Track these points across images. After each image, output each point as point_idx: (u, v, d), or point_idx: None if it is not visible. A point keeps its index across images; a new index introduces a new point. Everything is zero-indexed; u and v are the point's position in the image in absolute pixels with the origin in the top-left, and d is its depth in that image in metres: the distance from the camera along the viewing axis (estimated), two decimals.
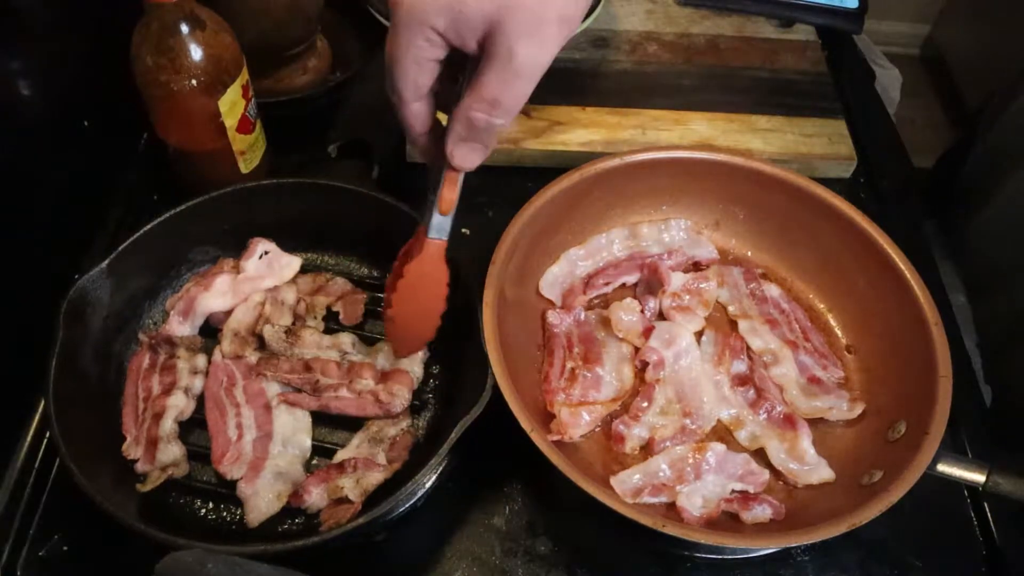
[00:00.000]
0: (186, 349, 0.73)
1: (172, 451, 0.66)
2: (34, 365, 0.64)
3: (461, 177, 0.59)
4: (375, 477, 0.64)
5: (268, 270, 0.76)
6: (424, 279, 0.62)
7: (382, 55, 0.55)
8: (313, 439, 0.69)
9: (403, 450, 0.67)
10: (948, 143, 1.18)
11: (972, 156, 1.01)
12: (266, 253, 0.76)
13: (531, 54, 0.51)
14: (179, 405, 0.69)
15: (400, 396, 0.68)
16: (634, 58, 1.01)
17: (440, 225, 0.61)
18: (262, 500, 0.65)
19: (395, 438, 0.68)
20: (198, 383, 0.71)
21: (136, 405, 0.70)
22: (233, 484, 0.66)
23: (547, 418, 0.70)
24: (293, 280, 0.76)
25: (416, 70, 0.53)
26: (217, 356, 0.72)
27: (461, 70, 0.55)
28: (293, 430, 0.69)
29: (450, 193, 0.59)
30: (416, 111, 0.56)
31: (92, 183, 0.85)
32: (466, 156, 0.56)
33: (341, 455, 0.67)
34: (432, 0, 0.50)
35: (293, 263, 0.76)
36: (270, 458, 0.67)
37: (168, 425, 0.67)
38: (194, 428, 0.70)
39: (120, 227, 0.83)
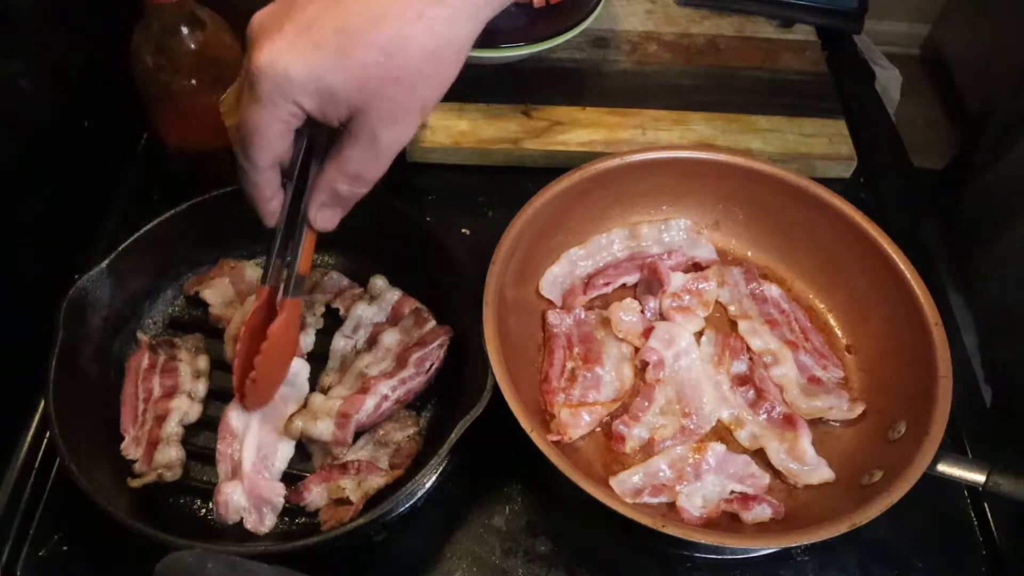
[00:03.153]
0: (187, 350, 0.73)
1: (169, 453, 0.66)
2: (34, 365, 0.64)
3: (316, 236, 0.62)
4: (376, 481, 0.64)
5: None
6: (286, 336, 0.64)
7: None
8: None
9: (407, 457, 0.67)
10: (948, 144, 1.18)
11: (977, 178, 1.01)
12: None
13: (393, 137, 0.54)
14: (183, 408, 0.69)
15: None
16: (634, 58, 1.01)
17: (299, 283, 0.63)
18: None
19: (400, 444, 0.68)
20: (201, 386, 0.71)
21: (135, 405, 0.70)
22: None
23: (547, 418, 0.70)
24: None
25: (277, 140, 0.54)
26: None
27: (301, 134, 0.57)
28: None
29: (309, 253, 0.63)
30: (269, 178, 0.57)
31: (92, 183, 0.85)
32: (328, 219, 0.60)
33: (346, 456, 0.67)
34: (300, 78, 0.50)
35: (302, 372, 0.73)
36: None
37: (171, 428, 0.68)
38: (201, 430, 0.70)
39: (120, 227, 0.83)
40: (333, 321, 0.76)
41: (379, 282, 0.76)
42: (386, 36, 0.50)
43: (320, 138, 0.58)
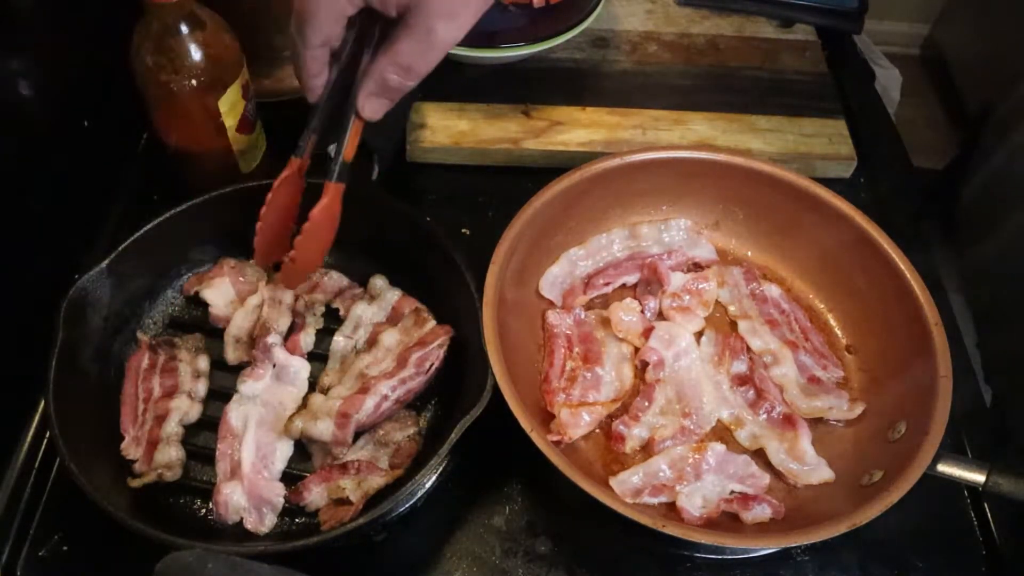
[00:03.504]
0: (187, 350, 0.73)
1: (169, 453, 0.66)
2: (34, 365, 0.64)
3: (362, 125, 0.64)
4: (376, 481, 0.64)
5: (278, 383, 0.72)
6: (328, 220, 0.67)
7: None
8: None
9: (407, 457, 0.67)
10: (948, 143, 1.18)
11: (976, 176, 1.01)
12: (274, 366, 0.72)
13: (448, 32, 0.56)
14: (183, 408, 0.69)
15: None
16: (634, 58, 1.01)
17: (343, 170, 0.65)
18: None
19: (400, 444, 0.68)
20: (201, 387, 0.71)
21: (135, 405, 0.70)
22: None
23: (547, 418, 0.70)
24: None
25: (331, 23, 0.57)
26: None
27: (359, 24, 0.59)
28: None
29: (355, 141, 0.64)
30: (318, 56, 0.60)
31: (92, 183, 0.85)
32: (376, 109, 0.62)
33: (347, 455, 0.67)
34: None
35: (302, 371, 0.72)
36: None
37: (171, 428, 0.68)
38: (201, 430, 0.70)
39: (120, 227, 0.83)
40: (333, 321, 0.76)
41: (379, 282, 0.76)
42: None
43: (371, 28, 0.60)
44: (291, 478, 0.67)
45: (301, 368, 0.71)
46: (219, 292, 0.76)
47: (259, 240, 0.69)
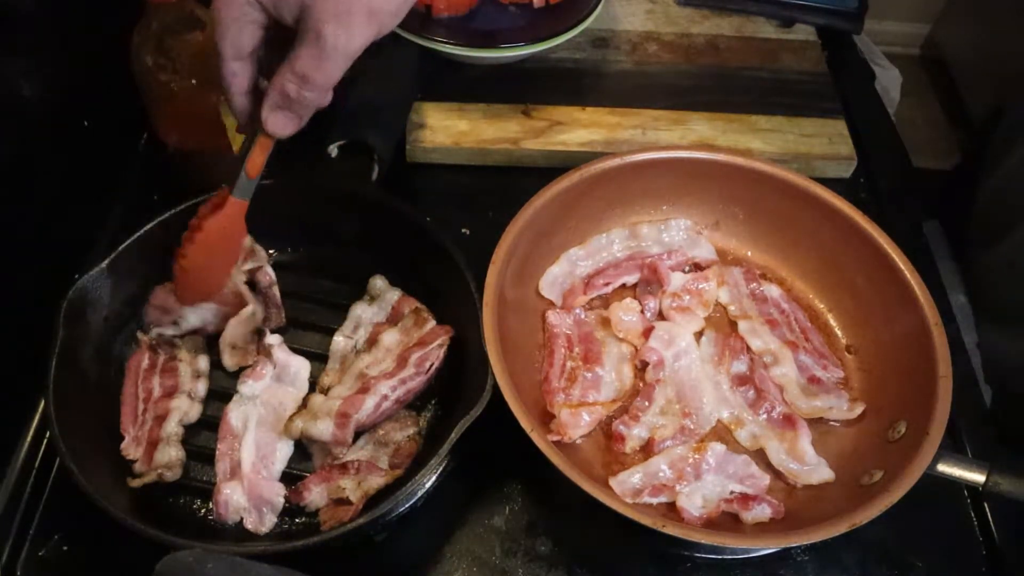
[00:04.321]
0: (187, 351, 0.73)
1: (169, 453, 0.66)
2: (34, 365, 0.64)
3: (272, 144, 0.62)
4: (376, 481, 0.64)
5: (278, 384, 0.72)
6: (223, 235, 0.65)
7: (384, 56, 0.56)
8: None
9: (406, 457, 0.67)
10: (948, 143, 1.18)
11: (983, 178, 1.01)
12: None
13: (338, 37, 0.55)
14: (183, 408, 0.69)
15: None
16: (634, 58, 1.01)
17: (246, 187, 0.63)
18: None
19: (400, 444, 0.68)
20: (202, 387, 0.71)
21: (135, 405, 0.70)
22: None
23: (547, 418, 0.70)
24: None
25: (236, 31, 0.57)
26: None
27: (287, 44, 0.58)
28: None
29: (259, 157, 0.62)
30: (235, 70, 0.59)
31: (92, 183, 0.85)
32: (279, 123, 0.60)
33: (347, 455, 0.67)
34: None
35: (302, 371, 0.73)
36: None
37: (171, 428, 0.68)
38: (201, 430, 0.70)
39: (120, 227, 0.83)
40: (333, 320, 0.76)
41: (379, 282, 0.76)
42: None
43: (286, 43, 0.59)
44: (291, 478, 0.67)
45: (301, 368, 0.71)
46: (200, 314, 0.75)
47: (180, 271, 0.67)
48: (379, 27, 0.56)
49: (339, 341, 0.74)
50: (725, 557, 0.67)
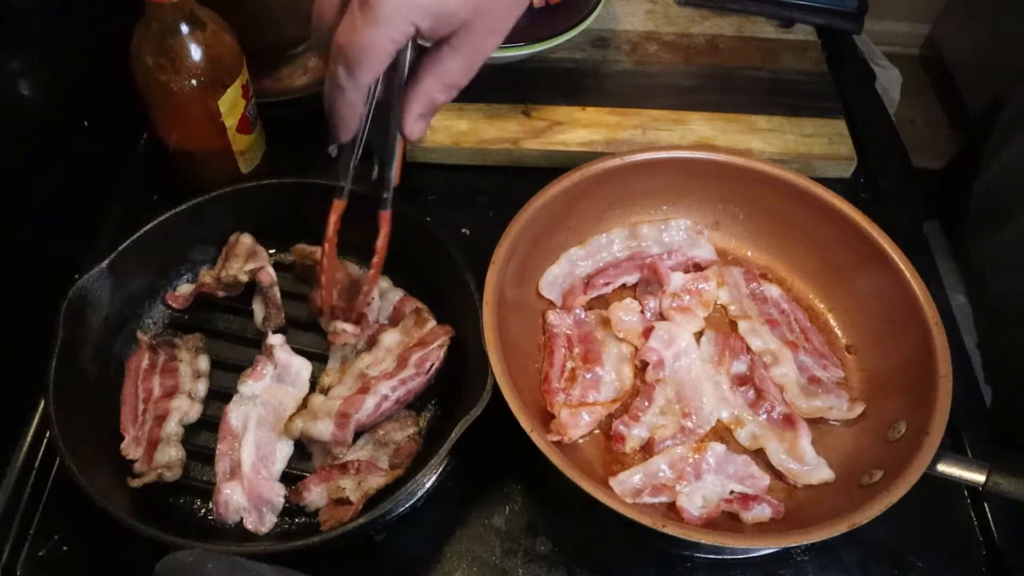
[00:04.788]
0: (187, 350, 0.73)
1: (169, 453, 0.66)
2: (34, 365, 0.64)
3: None
4: (376, 481, 0.64)
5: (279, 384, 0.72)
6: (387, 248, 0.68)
7: None
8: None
9: (406, 457, 0.67)
10: (949, 143, 1.18)
11: (980, 176, 1.01)
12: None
13: (492, 47, 0.59)
14: (183, 408, 0.69)
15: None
16: (634, 58, 1.01)
17: (395, 197, 0.66)
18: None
19: (400, 444, 0.68)
20: (202, 387, 0.71)
21: (135, 405, 0.70)
22: None
23: (547, 418, 0.70)
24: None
25: (385, 60, 0.57)
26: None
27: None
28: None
29: (400, 164, 0.66)
30: (365, 94, 0.60)
31: (92, 183, 0.85)
32: (422, 128, 0.63)
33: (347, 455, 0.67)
34: (423, 1, 0.54)
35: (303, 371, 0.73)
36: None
37: (171, 428, 0.68)
38: (201, 430, 0.70)
39: (120, 227, 0.83)
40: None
41: (383, 283, 0.76)
42: None
43: (403, 55, 0.60)
44: (291, 478, 0.67)
45: (303, 368, 0.71)
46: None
47: (327, 295, 0.70)
48: (508, 32, 0.59)
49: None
50: (725, 557, 0.67)
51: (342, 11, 0.56)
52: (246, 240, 0.77)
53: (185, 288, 0.77)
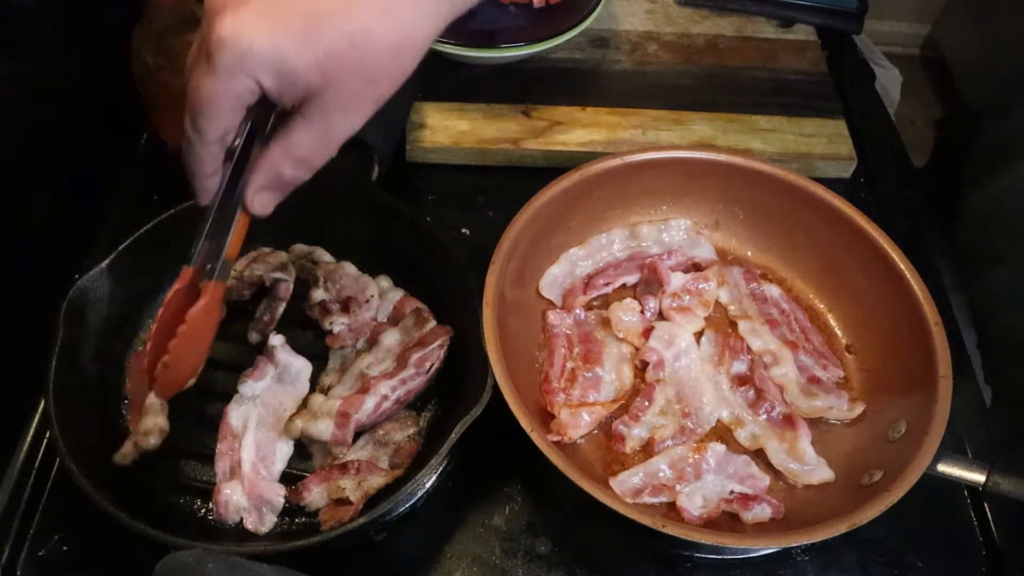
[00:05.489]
0: None
1: (148, 422, 0.66)
2: (34, 365, 0.64)
3: (249, 221, 0.60)
4: (376, 481, 0.64)
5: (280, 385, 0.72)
6: (206, 321, 0.61)
7: None
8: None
9: (407, 457, 0.67)
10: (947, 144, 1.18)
11: (979, 176, 1.01)
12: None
13: (347, 124, 0.54)
14: None
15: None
16: (634, 58, 1.01)
17: (225, 268, 0.60)
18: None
19: (400, 444, 0.68)
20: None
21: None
22: None
23: (547, 418, 0.70)
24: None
25: (229, 115, 0.53)
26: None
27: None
28: None
29: (240, 238, 0.60)
30: (214, 152, 0.56)
31: (92, 183, 0.85)
32: (266, 204, 0.58)
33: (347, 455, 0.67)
34: (263, 55, 0.49)
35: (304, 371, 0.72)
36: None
37: (154, 397, 0.67)
38: (201, 430, 0.70)
39: (120, 227, 0.83)
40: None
41: (383, 282, 0.76)
42: (354, 25, 0.50)
43: (263, 120, 0.57)
44: (291, 478, 0.67)
45: (303, 369, 0.71)
46: None
47: (150, 363, 0.61)
48: (376, 107, 0.55)
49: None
50: (725, 557, 0.67)
51: None
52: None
53: None
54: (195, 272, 0.60)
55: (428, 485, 0.67)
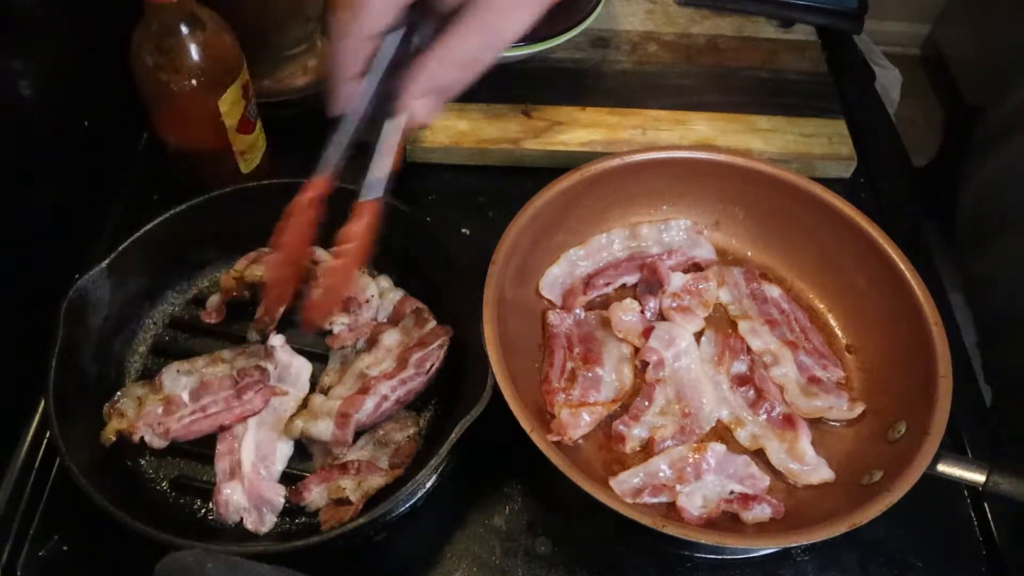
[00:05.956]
0: None
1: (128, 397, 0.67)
2: (34, 365, 0.64)
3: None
4: (376, 481, 0.64)
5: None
6: (368, 242, 0.59)
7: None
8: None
9: (406, 457, 0.67)
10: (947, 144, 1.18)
11: (978, 176, 1.01)
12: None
13: (512, 24, 0.53)
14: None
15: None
16: (634, 58, 1.01)
17: (383, 186, 0.58)
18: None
19: (400, 444, 0.68)
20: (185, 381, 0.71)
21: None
22: None
23: (547, 418, 0.70)
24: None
25: (388, 12, 0.53)
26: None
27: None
28: None
29: (400, 151, 0.58)
30: (364, 50, 0.55)
31: (92, 183, 0.85)
32: (428, 110, 0.56)
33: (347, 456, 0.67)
34: None
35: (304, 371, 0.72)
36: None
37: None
38: None
39: (120, 227, 0.83)
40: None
41: (384, 282, 0.76)
42: None
43: (414, 28, 0.56)
44: (291, 478, 0.67)
45: (303, 369, 0.71)
46: None
47: (272, 287, 0.59)
48: (542, 10, 0.53)
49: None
50: (725, 557, 0.67)
51: None
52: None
53: (213, 300, 0.76)
54: (326, 183, 0.58)
55: (428, 485, 0.67)
